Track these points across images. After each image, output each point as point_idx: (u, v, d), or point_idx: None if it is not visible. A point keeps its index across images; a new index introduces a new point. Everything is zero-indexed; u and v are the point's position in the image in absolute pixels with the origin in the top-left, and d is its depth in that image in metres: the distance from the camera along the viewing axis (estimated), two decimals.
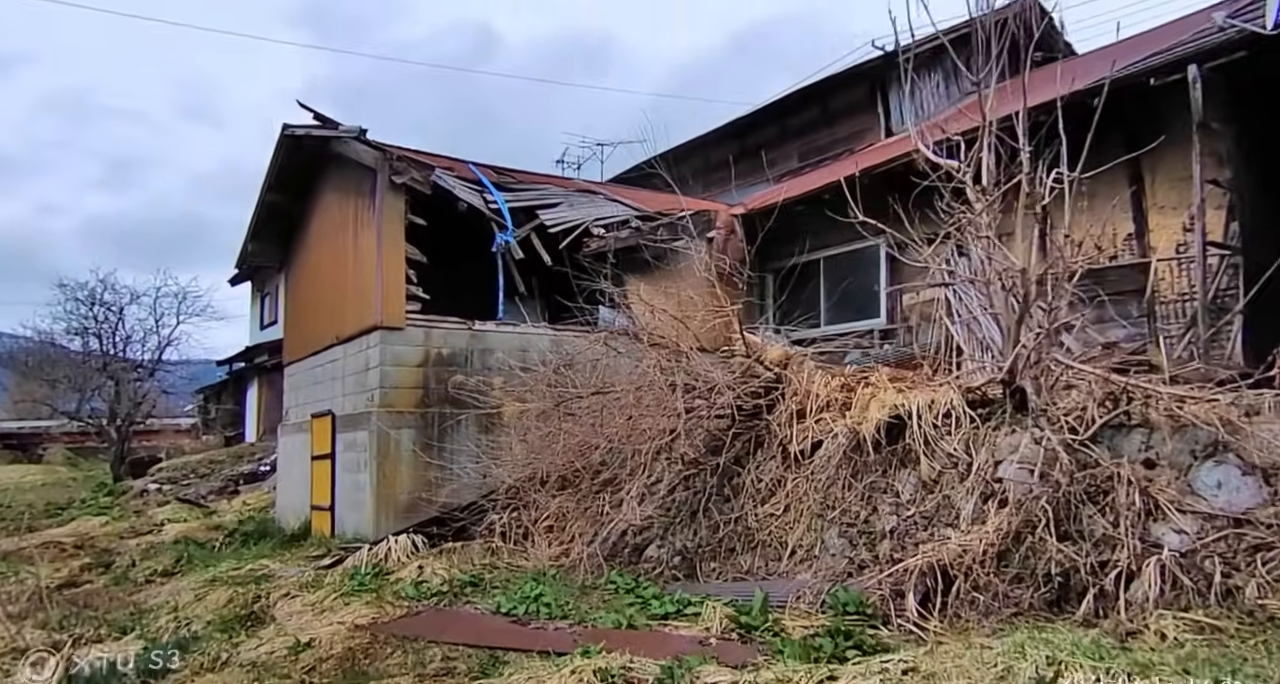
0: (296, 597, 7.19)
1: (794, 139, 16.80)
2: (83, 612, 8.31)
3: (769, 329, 11.16)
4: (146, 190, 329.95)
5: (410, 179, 9.98)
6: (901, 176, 8.35)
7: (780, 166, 17.08)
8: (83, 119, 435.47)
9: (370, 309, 9.92)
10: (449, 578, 7.43)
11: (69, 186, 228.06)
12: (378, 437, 9.48)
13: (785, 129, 17.09)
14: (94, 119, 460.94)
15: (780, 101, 16.86)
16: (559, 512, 9.00)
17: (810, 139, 16.43)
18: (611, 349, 8.77)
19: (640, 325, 8.67)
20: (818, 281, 12.39)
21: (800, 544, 6.79)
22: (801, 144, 16.59)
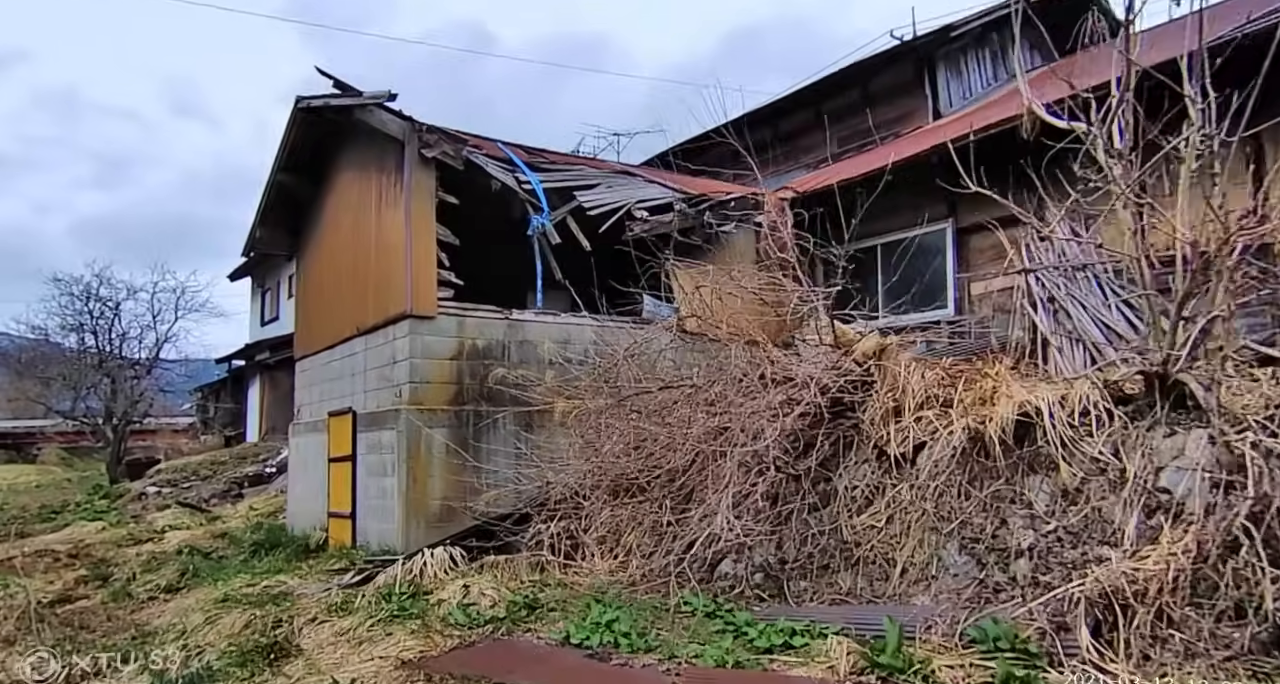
0: (325, 622, 6.27)
1: (831, 124, 15.86)
2: (78, 634, 7.38)
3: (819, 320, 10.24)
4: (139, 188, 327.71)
5: (442, 153, 9.05)
6: (981, 151, 7.43)
7: (816, 152, 16.18)
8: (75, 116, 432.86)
9: (397, 296, 8.99)
10: (498, 599, 6.51)
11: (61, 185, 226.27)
12: (407, 437, 8.54)
13: (821, 114, 16.14)
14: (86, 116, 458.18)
15: (816, 85, 15.96)
16: (612, 522, 8.10)
17: (849, 123, 15.50)
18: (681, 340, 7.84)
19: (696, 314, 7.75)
20: (874, 270, 11.47)
21: (912, 562, 5.88)
22: (840, 129, 15.65)
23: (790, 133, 16.80)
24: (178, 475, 18.48)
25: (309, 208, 12.04)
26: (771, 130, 17.31)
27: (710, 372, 7.02)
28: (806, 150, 16.35)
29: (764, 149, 17.64)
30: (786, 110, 16.45)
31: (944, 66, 14.14)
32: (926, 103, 14.04)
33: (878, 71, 14.80)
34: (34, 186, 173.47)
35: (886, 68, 14.64)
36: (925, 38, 13.90)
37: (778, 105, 16.38)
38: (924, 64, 14.14)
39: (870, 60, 14.85)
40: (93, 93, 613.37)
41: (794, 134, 16.74)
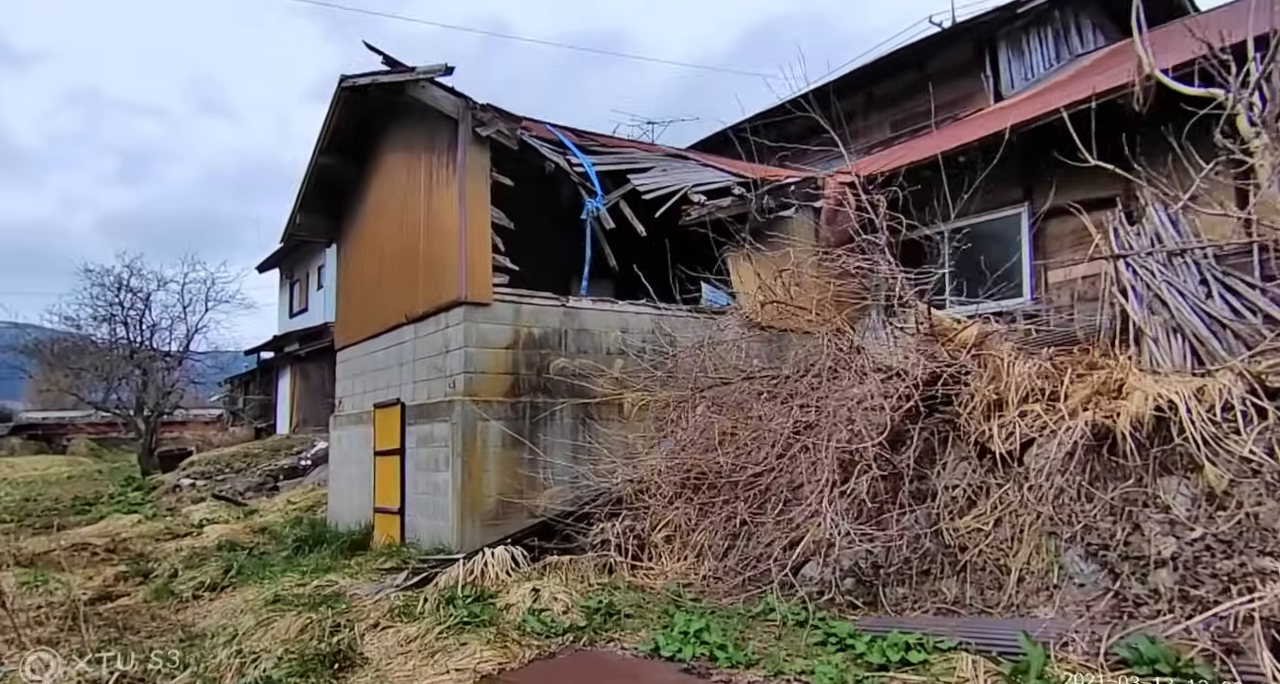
0: (388, 628, 5.84)
1: (885, 108, 15.32)
2: (123, 635, 7.01)
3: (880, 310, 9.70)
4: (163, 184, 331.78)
5: (496, 131, 8.60)
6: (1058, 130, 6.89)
7: (868, 138, 15.63)
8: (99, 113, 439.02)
9: (450, 282, 8.56)
10: (571, 604, 6.06)
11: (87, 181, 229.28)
12: (461, 429, 8.12)
13: (873, 98, 15.62)
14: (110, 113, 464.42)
15: (867, 68, 15.38)
16: (680, 520, 7.65)
17: (903, 107, 14.93)
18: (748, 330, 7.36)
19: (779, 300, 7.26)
20: (940, 258, 10.91)
21: (1028, 569, 5.38)
22: (894, 113, 15.10)
23: (840, 117, 16.21)
24: (211, 468, 18.21)
25: (351, 192, 11.64)
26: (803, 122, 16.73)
27: (799, 361, 6.51)
28: (856, 135, 15.75)
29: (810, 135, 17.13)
30: (840, 93, 15.83)
31: (1006, 46, 13.53)
32: (987, 84, 13.44)
33: (935, 53, 14.21)
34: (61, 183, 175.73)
35: (944, 49, 14.05)
36: (987, 16, 13.30)
37: (833, 87, 15.79)
38: (985, 44, 13.54)
39: (927, 41, 14.27)
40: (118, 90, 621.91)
41: (843, 119, 16.15)
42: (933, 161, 10.42)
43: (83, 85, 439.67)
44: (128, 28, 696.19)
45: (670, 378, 7.71)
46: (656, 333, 9.47)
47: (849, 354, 6.18)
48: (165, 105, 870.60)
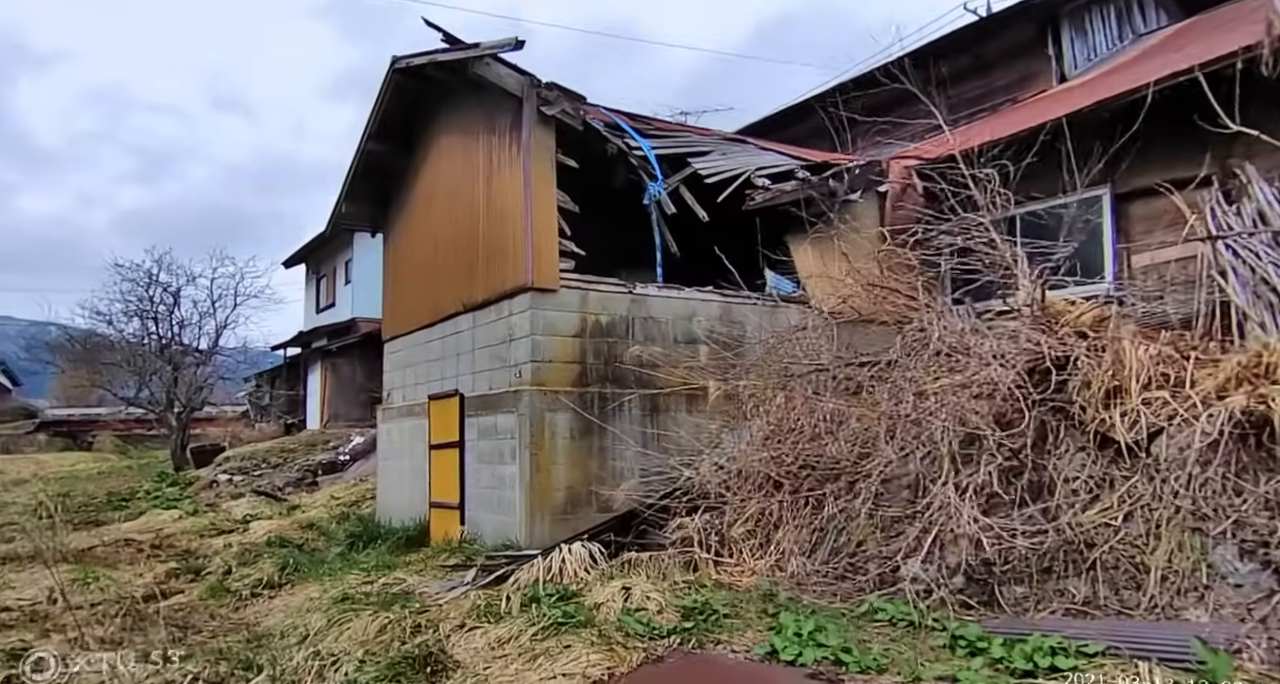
0: (475, 629, 5.51)
1: (938, 91, 14.85)
2: (186, 635, 6.72)
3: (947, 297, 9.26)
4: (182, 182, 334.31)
5: (561, 111, 8.26)
6: None
7: (921, 122, 15.16)
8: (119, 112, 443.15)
9: (514, 269, 8.22)
10: (664, 603, 5.71)
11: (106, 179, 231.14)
12: (529, 421, 7.78)
13: (926, 80, 15.13)
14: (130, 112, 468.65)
15: (918, 52, 14.90)
16: (761, 515, 7.29)
17: (960, 90, 14.45)
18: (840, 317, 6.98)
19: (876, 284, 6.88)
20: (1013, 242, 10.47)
21: (1170, 568, 4.98)
22: (949, 96, 14.62)
23: (886, 103, 15.79)
24: (247, 463, 17.98)
25: (399, 179, 11.32)
26: (864, 101, 16.33)
27: (905, 346, 6.12)
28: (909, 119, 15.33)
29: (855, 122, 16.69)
30: (889, 77, 15.40)
31: (1069, 25, 13.05)
32: (1050, 65, 12.97)
33: (993, 34, 13.75)
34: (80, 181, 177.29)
35: (1004, 30, 13.58)
36: None
37: (882, 71, 15.35)
38: (1047, 23, 13.06)
39: (985, 21, 13.81)
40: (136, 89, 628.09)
41: (890, 104, 15.72)
42: (1009, 141, 10.04)
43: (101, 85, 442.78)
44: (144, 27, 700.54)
45: (752, 366, 7.33)
46: (724, 320, 9.10)
47: (958, 337, 5.78)
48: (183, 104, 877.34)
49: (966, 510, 5.07)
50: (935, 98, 14.91)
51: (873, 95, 16.07)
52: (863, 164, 10.72)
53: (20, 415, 51.59)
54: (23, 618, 7.69)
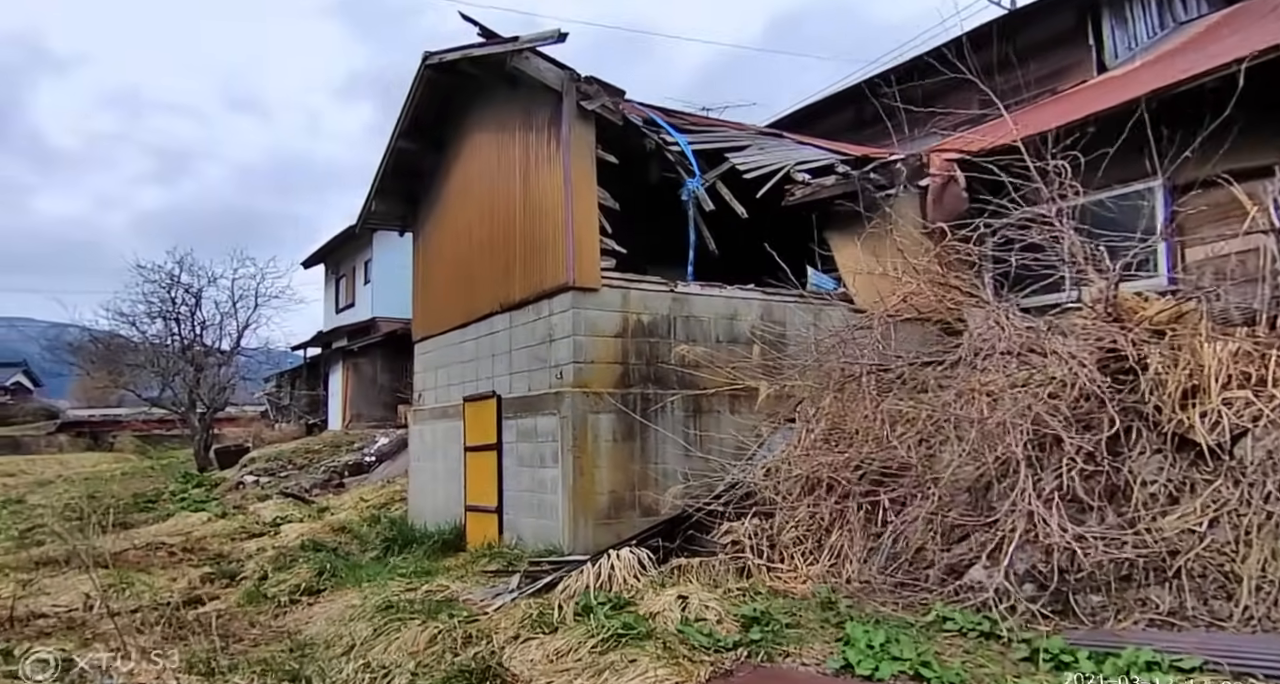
0: (530, 640, 5.33)
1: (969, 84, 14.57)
2: (228, 644, 6.57)
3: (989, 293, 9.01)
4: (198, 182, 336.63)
5: (601, 106, 8.08)
6: None
7: (954, 116, 14.89)
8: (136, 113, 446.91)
9: (553, 267, 8.04)
10: (723, 612, 5.52)
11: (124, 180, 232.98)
12: (572, 423, 7.61)
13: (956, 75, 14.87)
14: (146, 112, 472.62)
15: (950, 44, 14.62)
16: (811, 520, 7.09)
17: (993, 82, 14.18)
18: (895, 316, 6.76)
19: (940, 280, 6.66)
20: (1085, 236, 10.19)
21: (1266, 577, 4.75)
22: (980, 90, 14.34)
23: (918, 97, 15.52)
24: (273, 464, 17.90)
25: (430, 177, 11.17)
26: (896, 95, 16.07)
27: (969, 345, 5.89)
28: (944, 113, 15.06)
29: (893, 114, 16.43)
30: (920, 70, 15.14)
31: (1109, 14, 12.76)
32: (1090, 55, 12.68)
33: (1030, 23, 13.46)
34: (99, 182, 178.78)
35: (1041, 19, 13.30)
36: None
37: (913, 65, 15.10)
38: (1087, 12, 12.77)
39: (1022, 11, 13.53)
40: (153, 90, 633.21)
41: (923, 98, 15.46)
42: (1057, 132, 9.76)
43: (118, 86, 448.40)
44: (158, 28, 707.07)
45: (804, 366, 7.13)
46: (766, 319, 8.90)
47: (1032, 335, 5.56)
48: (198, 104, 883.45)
49: (1054, 517, 4.83)
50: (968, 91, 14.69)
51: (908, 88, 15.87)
52: (903, 157, 10.48)
53: (42, 416, 51.93)
54: (60, 625, 7.58)
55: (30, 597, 8.54)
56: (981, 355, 5.58)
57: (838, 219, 10.14)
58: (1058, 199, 6.18)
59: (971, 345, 5.71)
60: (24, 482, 27.09)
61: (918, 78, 15.96)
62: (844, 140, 13.24)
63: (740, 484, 7.46)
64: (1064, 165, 6.22)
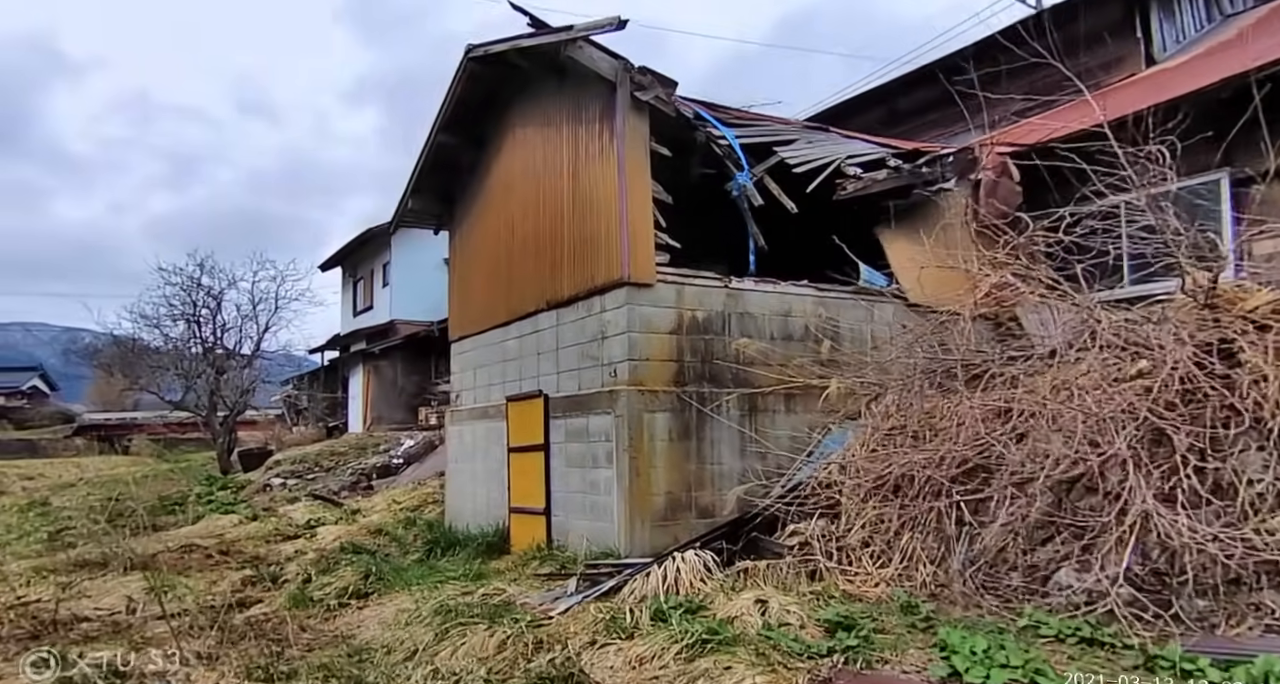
0: (608, 646, 5.11)
1: (1009, 79, 14.33)
2: (283, 649, 6.37)
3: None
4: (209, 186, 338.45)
5: (655, 97, 7.88)
6: None
7: (993, 111, 14.63)
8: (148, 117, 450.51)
9: (606, 262, 7.84)
10: (805, 618, 5.30)
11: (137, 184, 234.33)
12: (627, 422, 7.40)
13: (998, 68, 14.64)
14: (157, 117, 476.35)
15: (988, 39, 14.39)
16: (876, 519, 6.87)
17: (1030, 78, 13.92)
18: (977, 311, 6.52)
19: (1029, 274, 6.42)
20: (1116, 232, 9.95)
21: None
22: (1026, 83, 14.10)
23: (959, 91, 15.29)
24: (299, 466, 17.74)
25: (468, 173, 10.98)
26: (929, 92, 15.85)
27: (1067, 339, 5.66)
28: (976, 111, 14.81)
29: (920, 113, 16.21)
30: (958, 66, 14.89)
31: (1157, 7, 12.52)
32: (1139, 48, 12.44)
33: (1076, 16, 13.20)
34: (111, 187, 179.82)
35: (1088, 11, 13.05)
36: None
37: (950, 61, 14.86)
38: (1135, 5, 12.52)
39: (1068, 4, 13.29)
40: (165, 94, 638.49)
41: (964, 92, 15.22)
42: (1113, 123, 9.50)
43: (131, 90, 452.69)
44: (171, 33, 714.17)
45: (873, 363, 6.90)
46: (820, 316, 8.68)
47: (1123, 328, 5.32)
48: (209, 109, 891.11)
49: (1172, 517, 4.58)
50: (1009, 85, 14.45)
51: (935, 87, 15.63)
52: (955, 152, 10.25)
53: (59, 420, 52.07)
54: (105, 628, 7.40)
55: (71, 599, 8.37)
56: (1076, 348, 5.34)
57: (888, 215, 9.93)
58: (1147, 185, 5.93)
59: (1064, 338, 5.47)
60: (45, 484, 27.02)
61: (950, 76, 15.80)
62: (882, 132, 13.02)
63: (804, 484, 7.25)
64: (1160, 149, 5.96)
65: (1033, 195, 9.95)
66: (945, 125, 15.33)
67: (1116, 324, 5.43)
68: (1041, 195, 9.72)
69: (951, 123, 15.39)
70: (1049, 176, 8.55)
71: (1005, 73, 14.28)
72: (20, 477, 31.07)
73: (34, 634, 7.13)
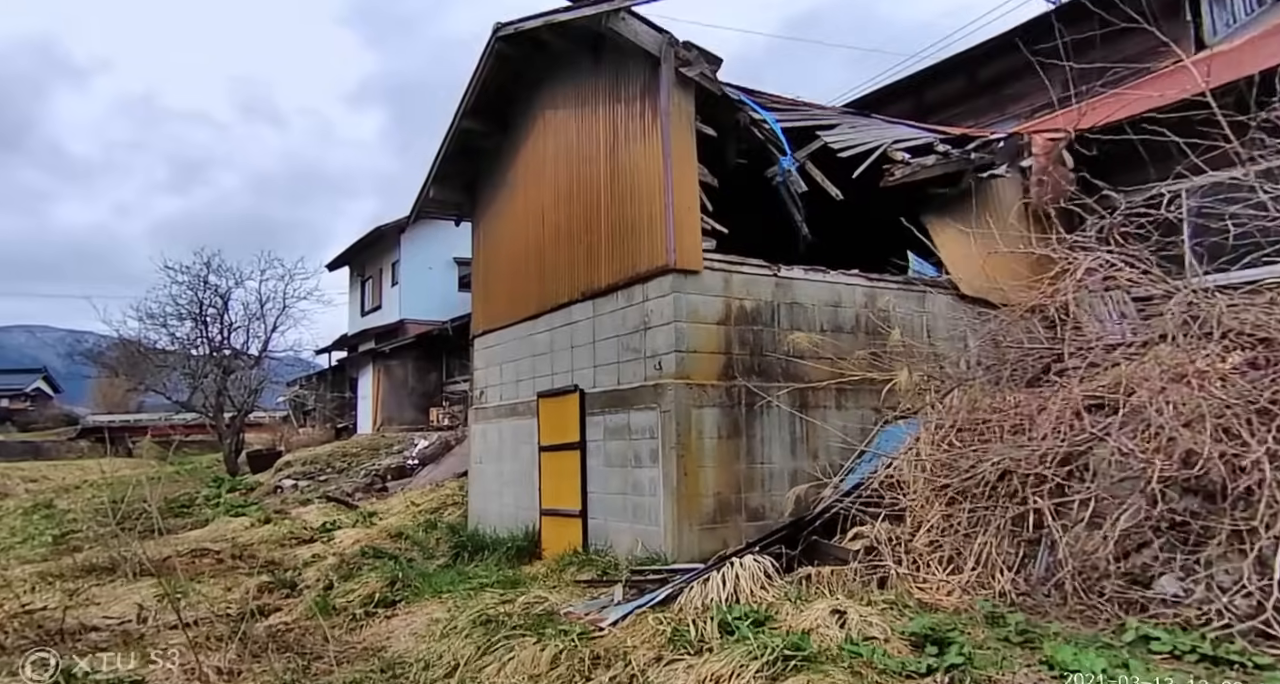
0: (675, 662, 4.62)
1: (1049, 67, 13.87)
2: (309, 663, 5.90)
3: None
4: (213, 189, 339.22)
5: (700, 74, 7.42)
6: None
7: (1027, 101, 14.19)
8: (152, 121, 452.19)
9: (650, 249, 7.37)
10: (889, 630, 4.81)
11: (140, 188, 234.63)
12: (675, 418, 6.92)
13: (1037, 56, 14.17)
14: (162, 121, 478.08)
15: (1031, 24, 13.92)
16: (945, 522, 6.39)
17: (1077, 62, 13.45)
18: None
19: None
20: (1178, 221, 9.47)
21: None
22: (1061, 71, 13.63)
23: (991, 81, 14.85)
24: (311, 468, 17.28)
25: (492, 160, 10.51)
26: (966, 80, 15.40)
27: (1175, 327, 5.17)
28: (1014, 99, 14.36)
29: (955, 103, 15.73)
30: (994, 54, 14.46)
31: None
32: (1188, 32, 11.94)
33: None
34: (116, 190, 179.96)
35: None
36: None
37: (987, 49, 14.43)
38: None
39: None
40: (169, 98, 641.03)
41: (996, 83, 14.77)
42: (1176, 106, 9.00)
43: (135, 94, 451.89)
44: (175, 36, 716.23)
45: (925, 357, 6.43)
46: (870, 307, 8.21)
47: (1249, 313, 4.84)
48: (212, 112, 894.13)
49: None
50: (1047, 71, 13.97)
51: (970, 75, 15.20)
52: (1005, 137, 9.77)
53: (62, 422, 51.69)
54: (115, 638, 6.93)
55: (78, 607, 7.91)
56: (1189, 336, 4.86)
57: (935, 203, 9.44)
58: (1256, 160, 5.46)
59: (1174, 327, 4.99)
60: (48, 486, 26.58)
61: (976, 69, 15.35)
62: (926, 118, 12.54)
63: (863, 484, 6.77)
64: (1273, 119, 5.48)
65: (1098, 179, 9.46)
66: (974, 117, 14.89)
67: (1234, 309, 4.94)
68: (1123, 174, 9.24)
69: (980, 114, 14.97)
70: (1142, 151, 8.03)
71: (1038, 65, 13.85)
72: (24, 479, 30.66)
73: (40, 644, 6.66)
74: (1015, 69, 14.44)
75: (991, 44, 14.43)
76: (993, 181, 9.48)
